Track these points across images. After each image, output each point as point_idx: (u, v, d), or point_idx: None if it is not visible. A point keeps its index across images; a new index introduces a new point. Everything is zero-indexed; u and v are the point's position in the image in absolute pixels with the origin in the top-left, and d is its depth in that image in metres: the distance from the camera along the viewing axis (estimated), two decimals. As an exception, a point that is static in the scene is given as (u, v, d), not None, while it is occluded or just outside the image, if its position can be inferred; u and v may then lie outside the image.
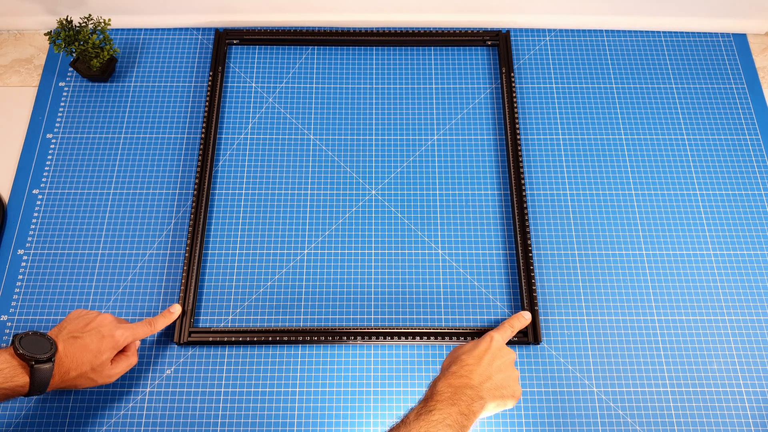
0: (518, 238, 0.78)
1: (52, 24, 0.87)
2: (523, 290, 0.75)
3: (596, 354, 0.73)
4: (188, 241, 0.76)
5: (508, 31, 0.92)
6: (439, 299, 0.76)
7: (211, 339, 0.72)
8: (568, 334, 0.74)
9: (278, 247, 0.79)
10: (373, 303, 0.76)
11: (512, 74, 0.88)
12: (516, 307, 0.76)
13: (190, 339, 0.72)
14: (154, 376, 0.72)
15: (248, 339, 0.73)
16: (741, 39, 0.94)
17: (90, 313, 0.64)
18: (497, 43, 0.92)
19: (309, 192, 0.83)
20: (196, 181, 0.80)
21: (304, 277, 0.77)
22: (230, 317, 0.75)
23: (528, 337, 0.73)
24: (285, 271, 0.78)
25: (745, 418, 0.70)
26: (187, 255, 0.76)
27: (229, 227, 0.80)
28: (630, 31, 0.95)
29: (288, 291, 0.76)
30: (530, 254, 0.76)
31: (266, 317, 0.75)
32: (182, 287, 0.74)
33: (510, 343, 0.72)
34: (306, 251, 0.79)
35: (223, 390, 0.71)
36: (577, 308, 0.76)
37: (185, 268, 0.75)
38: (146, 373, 0.72)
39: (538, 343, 0.73)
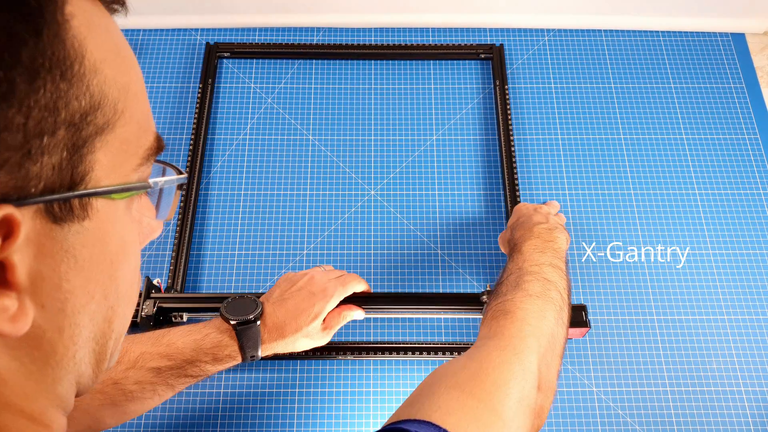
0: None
1: (50, 24, 0.87)
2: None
3: (596, 354, 0.73)
4: (175, 241, 0.76)
5: (501, 45, 0.92)
6: (438, 300, 0.76)
7: None
8: (568, 334, 0.74)
9: (278, 247, 0.79)
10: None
11: (506, 87, 0.87)
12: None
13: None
14: (153, 378, 0.71)
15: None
16: (739, 38, 0.94)
17: (298, 274, 0.62)
18: (491, 56, 0.91)
19: (308, 192, 0.82)
20: (184, 190, 0.80)
21: (304, 277, 0.77)
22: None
23: None
24: (284, 271, 0.77)
25: (745, 418, 0.70)
26: (174, 255, 0.75)
27: (229, 228, 0.80)
28: (628, 31, 0.95)
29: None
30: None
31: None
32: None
33: None
34: (305, 251, 0.79)
35: (222, 391, 0.71)
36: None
37: (171, 269, 0.75)
38: (145, 375, 0.71)
39: None
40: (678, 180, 0.84)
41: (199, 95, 0.87)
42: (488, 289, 0.66)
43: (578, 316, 0.64)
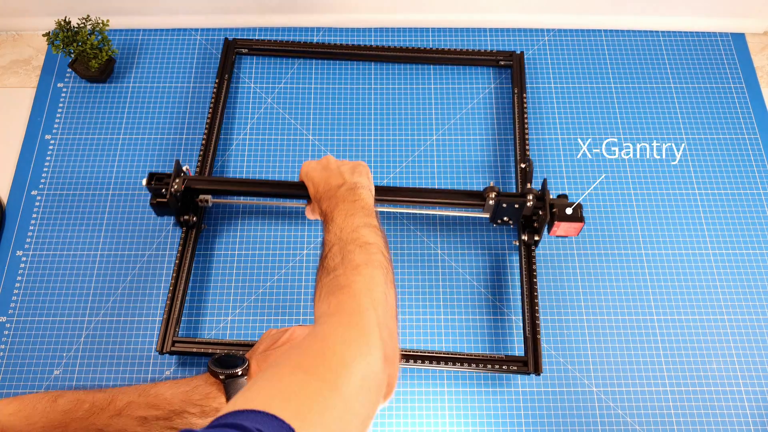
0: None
1: (51, 25, 0.87)
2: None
3: (596, 354, 0.73)
4: (179, 246, 0.76)
5: (522, 52, 0.90)
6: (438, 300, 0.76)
7: (195, 350, 0.70)
8: (568, 334, 0.74)
9: (278, 247, 0.79)
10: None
11: (524, 95, 0.86)
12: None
13: (173, 349, 0.70)
14: (153, 378, 0.71)
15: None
16: (739, 38, 0.94)
17: (280, 330, 0.63)
18: (510, 63, 0.90)
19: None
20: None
21: (303, 278, 0.77)
22: (229, 318, 0.75)
23: (528, 367, 0.69)
24: (284, 271, 0.77)
25: (745, 418, 0.70)
26: (177, 261, 0.75)
27: (229, 227, 0.80)
28: (629, 31, 0.95)
29: (288, 292, 0.76)
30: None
31: (266, 318, 0.75)
32: (169, 292, 0.73)
33: (508, 371, 0.70)
34: (305, 251, 0.79)
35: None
36: (576, 309, 0.76)
37: (174, 274, 0.74)
38: (145, 374, 0.71)
39: (539, 374, 0.69)
40: (678, 179, 0.84)
41: (214, 92, 0.86)
42: (491, 186, 0.69)
43: (574, 212, 0.69)
